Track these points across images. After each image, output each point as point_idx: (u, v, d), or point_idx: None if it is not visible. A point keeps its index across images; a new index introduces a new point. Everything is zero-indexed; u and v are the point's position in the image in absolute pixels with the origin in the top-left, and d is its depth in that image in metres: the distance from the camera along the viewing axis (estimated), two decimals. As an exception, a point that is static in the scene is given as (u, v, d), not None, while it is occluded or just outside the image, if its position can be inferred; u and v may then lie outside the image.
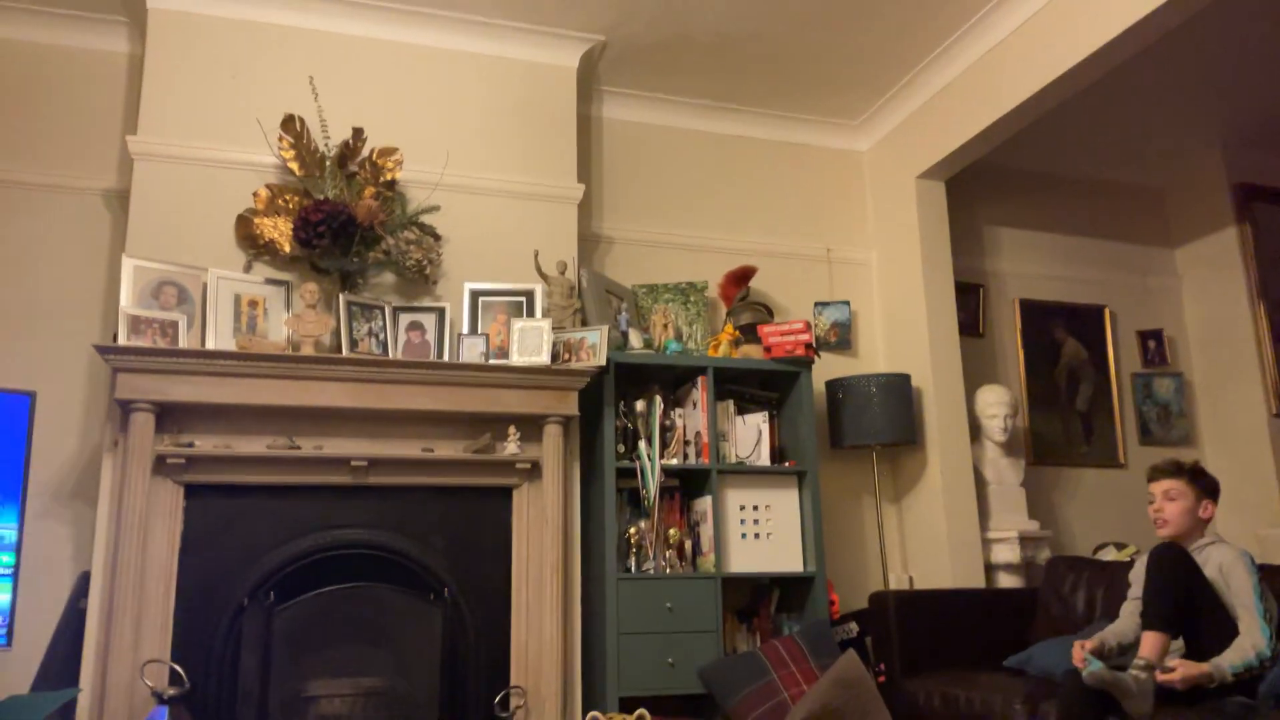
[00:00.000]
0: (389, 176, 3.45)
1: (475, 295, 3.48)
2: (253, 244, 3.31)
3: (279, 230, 3.30)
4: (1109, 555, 4.02)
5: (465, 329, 3.43)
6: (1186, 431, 4.91)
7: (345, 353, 3.18)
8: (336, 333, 3.26)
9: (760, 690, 3.18)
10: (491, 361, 3.32)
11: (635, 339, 3.75)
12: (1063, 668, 2.74)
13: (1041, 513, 4.35)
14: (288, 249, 3.29)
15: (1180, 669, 2.46)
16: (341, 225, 3.20)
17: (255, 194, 3.33)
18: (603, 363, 3.42)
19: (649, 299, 4.02)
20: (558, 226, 3.72)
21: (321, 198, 3.28)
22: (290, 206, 3.33)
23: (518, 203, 3.68)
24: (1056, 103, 3.67)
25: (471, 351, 3.35)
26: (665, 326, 3.91)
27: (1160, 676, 2.46)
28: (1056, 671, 2.87)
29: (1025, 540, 4.03)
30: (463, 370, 3.26)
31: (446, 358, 3.35)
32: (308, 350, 3.14)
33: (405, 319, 3.38)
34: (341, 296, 3.26)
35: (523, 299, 3.50)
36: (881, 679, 3.38)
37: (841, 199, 4.59)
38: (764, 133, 4.51)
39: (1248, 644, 2.51)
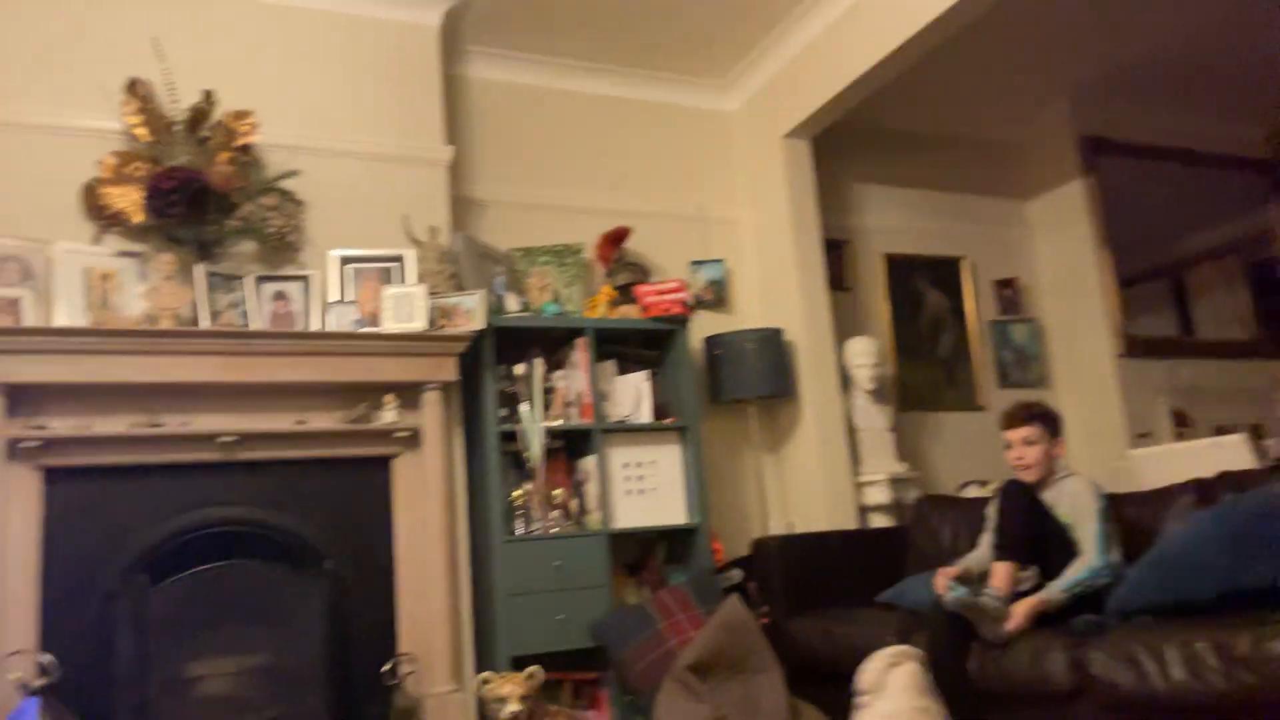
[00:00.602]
0: (244, 141, 3.30)
1: (343, 262, 3.40)
2: (101, 215, 3.13)
3: (129, 200, 3.13)
4: (972, 492, 4.25)
5: (334, 297, 3.35)
6: (1041, 374, 5.21)
7: (206, 325, 3.06)
8: (196, 305, 3.13)
9: (649, 640, 3.26)
10: (364, 329, 3.25)
11: (513, 303, 3.74)
12: (929, 598, 2.90)
13: (910, 455, 4.55)
14: (140, 219, 3.12)
15: (1014, 619, 2.67)
16: (196, 193, 3.07)
17: (101, 162, 3.15)
18: (481, 327, 3.39)
19: (525, 262, 4.00)
20: (428, 190, 3.66)
21: (173, 165, 3.13)
22: (140, 175, 3.16)
23: (384, 166, 3.60)
24: (914, 59, 3.80)
25: (342, 320, 3.27)
26: (543, 289, 3.90)
27: (1008, 627, 2.67)
28: (924, 603, 3.04)
29: (895, 482, 4.22)
30: (333, 339, 3.19)
31: (316, 327, 3.27)
32: (167, 324, 3.01)
33: (269, 289, 3.27)
34: (199, 267, 3.13)
35: (394, 265, 3.44)
36: (765, 621, 3.50)
37: (713, 159, 4.66)
38: (635, 93, 4.52)
39: (1080, 563, 2.74)
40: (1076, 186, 5.17)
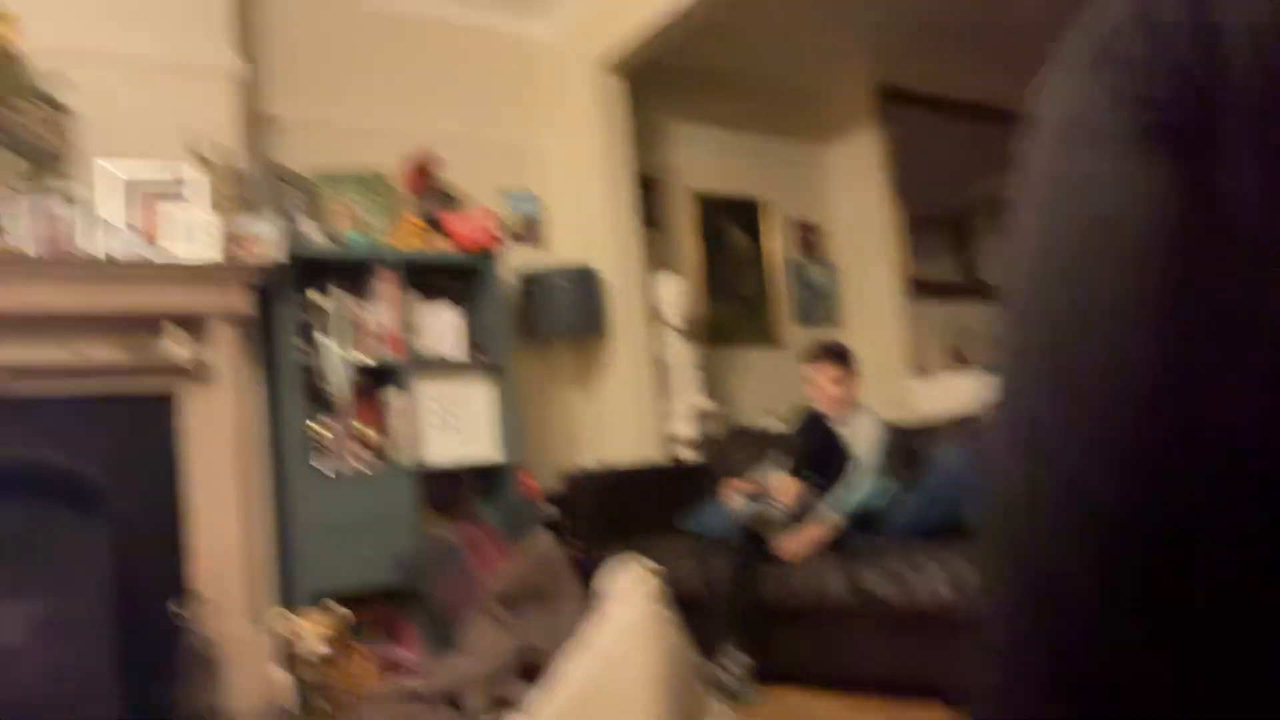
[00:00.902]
0: (5, 43, 2.95)
1: (122, 181, 3.12)
2: None
3: None
4: (772, 424, 4.47)
5: (111, 218, 3.07)
6: (835, 313, 5.51)
7: (-40, 246, 2.76)
8: (-53, 223, 2.80)
9: (457, 573, 3.26)
10: (144, 255, 3.01)
11: (313, 230, 3.57)
12: (725, 525, 3.10)
13: (715, 390, 4.72)
14: None
15: (800, 544, 2.93)
16: (-57, 96, 2.72)
17: None
18: (277, 255, 3.22)
19: (327, 187, 3.81)
20: (217, 105, 3.40)
21: (-87, 61, 2.76)
22: None
23: (167, 77, 3.31)
24: None
25: (119, 243, 3.02)
26: (346, 217, 3.74)
27: (786, 552, 2.92)
28: (722, 529, 3.21)
29: (701, 416, 4.38)
30: (109, 265, 2.94)
31: (88, 251, 3.00)
32: (-91, 243, 2.68)
33: (36, 205, 2.96)
34: (-50, 180, 2.79)
35: (177, 184, 3.19)
36: (575, 553, 3.58)
37: (527, 89, 4.57)
38: (449, 14, 4.36)
39: (857, 489, 3.05)
40: (870, 133, 5.43)
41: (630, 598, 1.30)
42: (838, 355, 3.33)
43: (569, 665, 1.25)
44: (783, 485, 3.09)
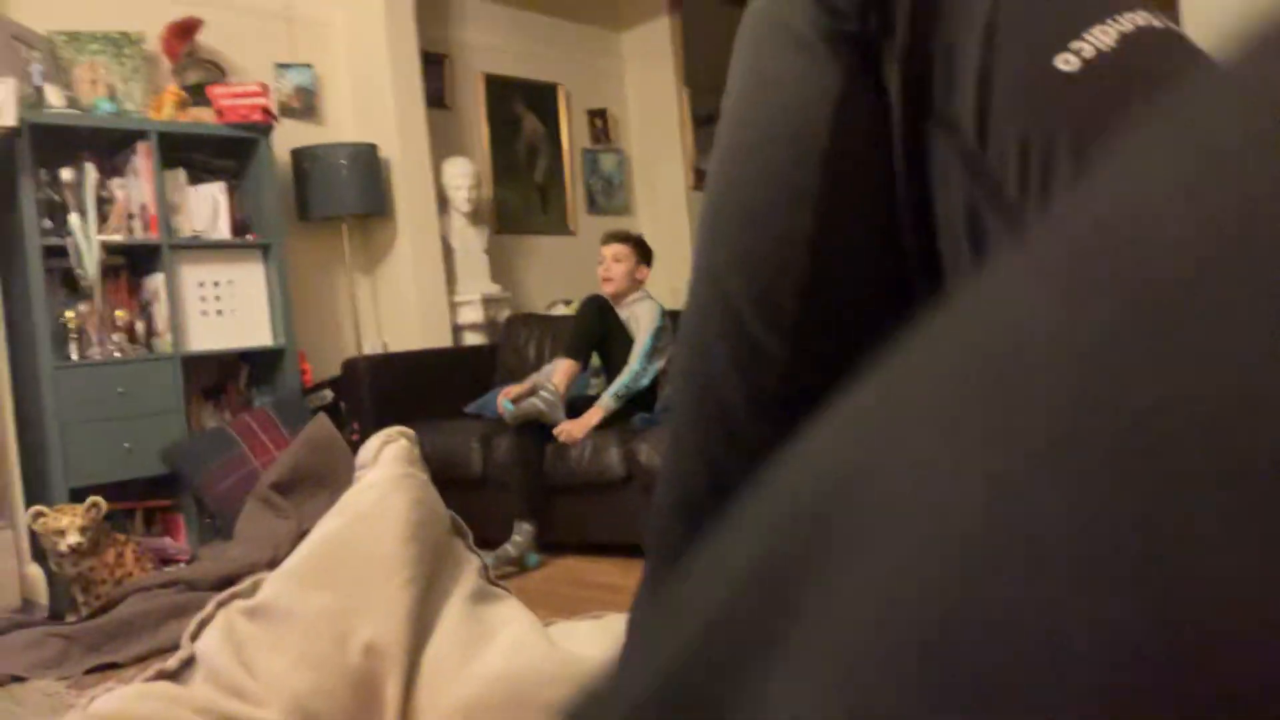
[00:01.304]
0: None
1: None
2: None
3: None
4: (559, 311, 4.55)
5: None
6: (625, 202, 5.59)
7: None
8: None
9: (229, 462, 3.19)
10: None
11: (55, 96, 3.24)
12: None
13: (503, 277, 4.73)
14: None
15: (579, 428, 3.07)
16: None
17: None
18: (12, 123, 2.92)
19: (71, 49, 3.44)
20: (-72, -53, 2.99)
21: None
22: None
23: None
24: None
25: None
26: (95, 83, 3.41)
27: (565, 436, 3.06)
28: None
29: (489, 302, 4.40)
30: None
31: None
32: None
33: None
34: None
35: (-116, 38, 2.81)
36: (356, 438, 3.56)
37: (301, -49, 4.26)
38: None
39: (626, 370, 3.17)
40: (664, 23, 5.45)
41: (381, 460, 1.34)
42: (632, 240, 3.44)
43: (317, 528, 1.29)
44: (558, 368, 3.20)
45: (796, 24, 0.57)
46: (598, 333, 3.28)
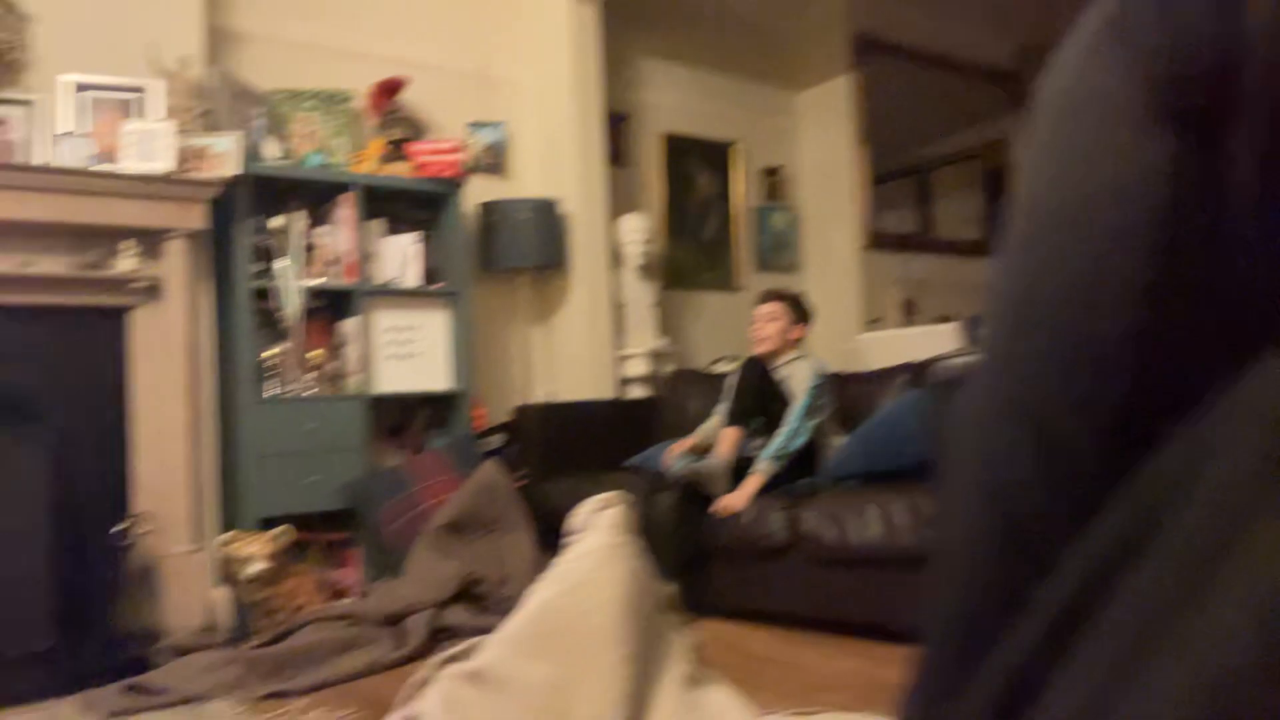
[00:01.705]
0: (-49, -66, 2.85)
1: (77, 89, 3.05)
2: None
3: None
4: (723, 367, 4.53)
5: (65, 128, 3.01)
6: (795, 260, 5.55)
7: (-96, 148, 2.69)
8: (-110, 123, 2.73)
9: (404, 501, 3.31)
10: (100, 167, 2.96)
11: (273, 149, 3.52)
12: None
13: (670, 331, 4.77)
14: None
15: (729, 502, 3.00)
16: (-114, -10, 2.63)
17: None
18: (235, 173, 3.18)
19: (289, 106, 3.74)
20: (179, 15, 3.31)
21: None
22: None
23: (125, -16, 3.22)
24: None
25: (74, 154, 2.97)
26: (307, 137, 3.69)
27: (725, 509, 2.99)
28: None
29: (655, 356, 4.43)
30: (64, 175, 2.89)
31: (43, 160, 2.94)
32: None
33: (-15, 112, 2.90)
34: (-107, 79, 2.72)
35: (136, 97, 3.13)
36: (522, 484, 3.64)
37: (498, 15, 4.49)
38: (417, -66, 4.25)
39: (782, 431, 3.08)
40: (842, 82, 5.42)
41: (595, 526, 1.35)
42: (786, 298, 3.37)
43: (533, 592, 1.30)
44: (723, 437, 3.14)
45: (1122, 95, 0.50)
46: (760, 397, 3.21)
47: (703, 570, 3.05)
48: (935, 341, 3.72)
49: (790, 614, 2.93)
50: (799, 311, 3.37)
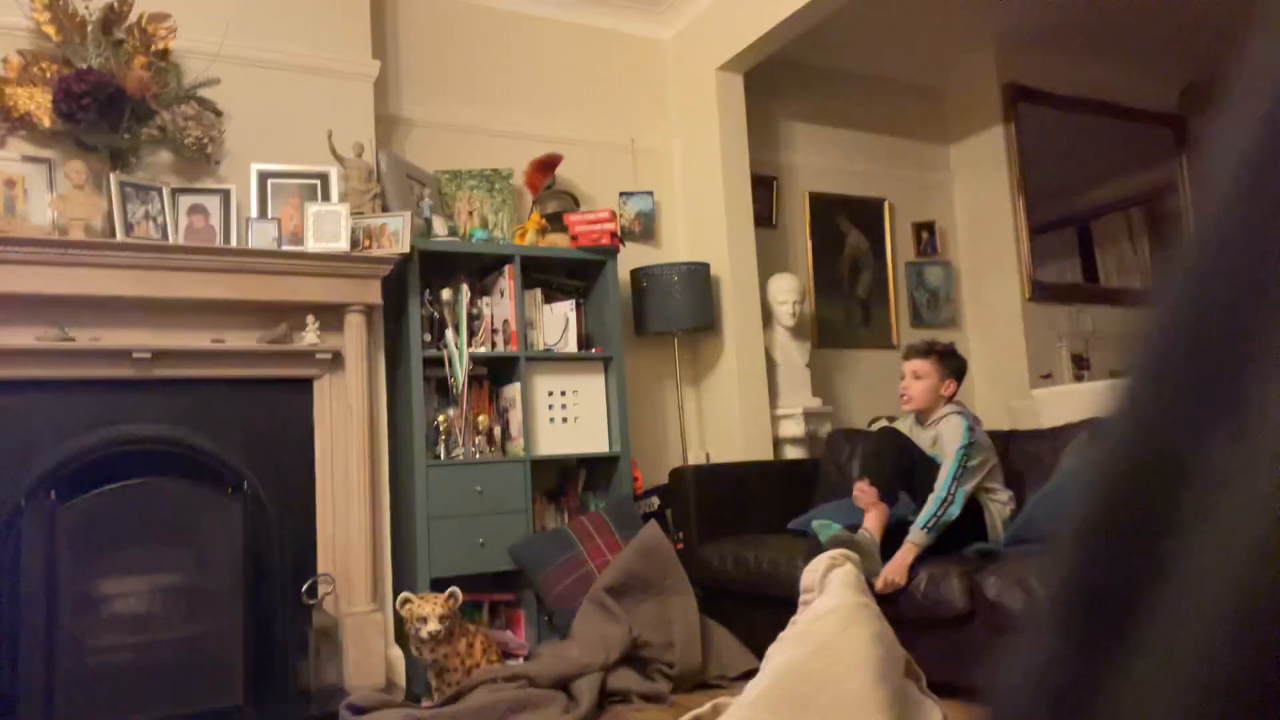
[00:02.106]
0: (161, 45, 3.17)
1: (264, 177, 3.31)
2: (6, 117, 2.98)
3: (36, 102, 2.98)
4: (881, 425, 4.41)
5: (254, 213, 3.26)
6: (952, 315, 5.39)
7: (120, 237, 2.96)
8: (109, 216, 3.02)
9: (568, 563, 3.34)
10: (284, 248, 3.18)
11: (439, 226, 3.69)
12: (835, 527, 3.05)
13: (824, 391, 4.69)
14: (48, 123, 2.98)
15: (894, 575, 2.78)
16: (109, 97, 2.94)
17: (5, 60, 2.98)
18: (406, 250, 3.35)
19: (453, 185, 3.94)
20: (352, 105, 3.56)
21: (85, 66, 2.98)
22: (48, 76, 3.00)
23: (308, 79, 3.48)
24: (847, -1, 3.82)
25: (262, 237, 3.20)
26: (470, 214, 3.86)
27: (884, 586, 2.76)
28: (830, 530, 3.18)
29: (809, 416, 4.36)
30: (254, 257, 3.12)
31: (235, 243, 3.19)
32: (77, 234, 2.90)
33: (186, 201, 3.17)
34: (113, 176, 3.01)
35: (316, 182, 3.36)
36: (680, 546, 3.61)
37: (645, 88, 4.63)
38: (569, 16, 4.44)
39: (932, 499, 2.87)
40: (996, 133, 5.29)
41: (831, 585, 1.31)
42: (935, 353, 3.14)
43: (775, 656, 1.26)
44: (869, 515, 2.94)
45: None
46: (898, 470, 2.99)
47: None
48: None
49: (971, 688, 2.76)
50: (949, 366, 3.15)
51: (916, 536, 2.84)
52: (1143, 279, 5.84)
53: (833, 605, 1.22)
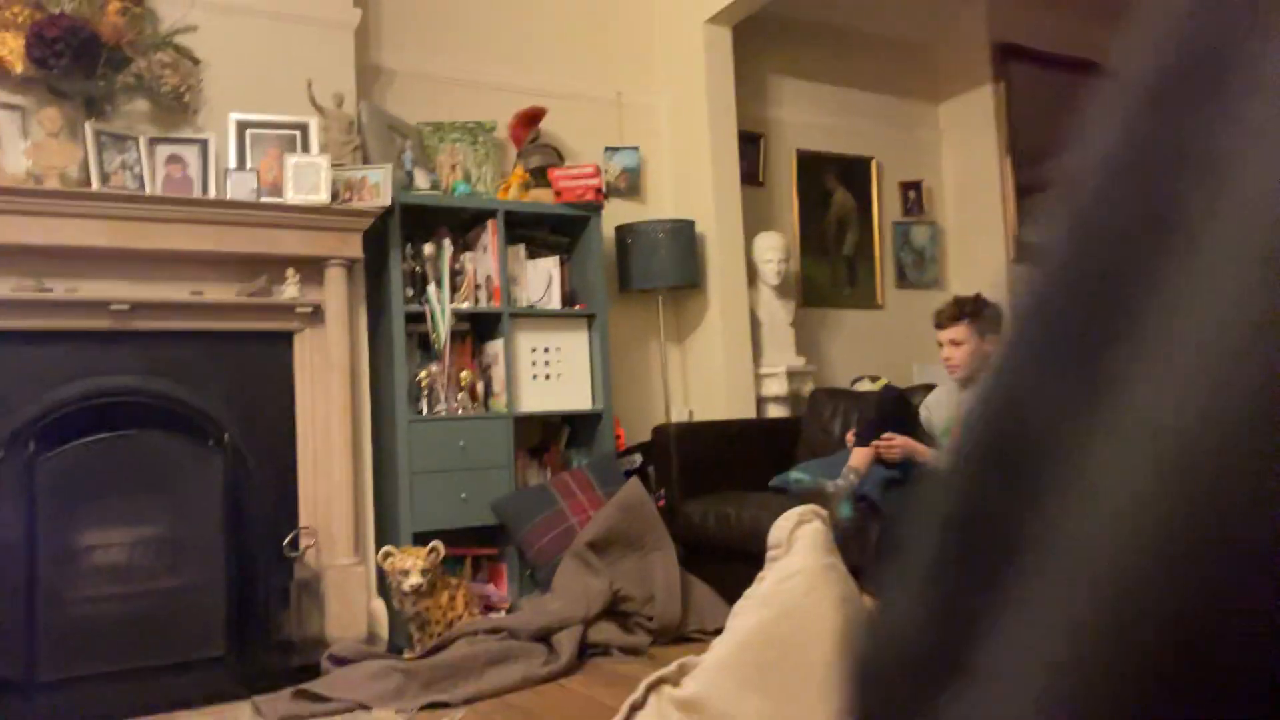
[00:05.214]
0: (137, -9, 3.09)
1: (242, 127, 3.25)
2: (-25, 61, 2.91)
3: (9, 47, 2.91)
4: (864, 386, 4.43)
5: (232, 164, 3.21)
6: (937, 276, 5.39)
7: (96, 187, 2.92)
8: (85, 165, 2.97)
9: (549, 518, 3.36)
10: (264, 199, 3.14)
11: (421, 179, 3.65)
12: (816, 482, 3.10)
13: (808, 350, 4.69)
14: (20, 69, 2.92)
15: (901, 441, 2.89)
16: (83, 43, 2.87)
17: (-27, 2, 2.91)
18: (387, 203, 3.31)
19: (435, 138, 3.89)
20: (333, 55, 3.50)
21: (58, 11, 2.92)
22: (20, 21, 2.93)
23: (287, 26, 3.41)
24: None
25: (240, 188, 3.16)
26: (453, 167, 3.82)
27: (881, 448, 2.92)
28: (811, 487, 3.21)
29: (793, 375, 4.37)
30: (231, 208, 3.08)
31: (213, 194, 3.14)
32: (52, 183, 2.85)
33: (163, 151, 3.12)
34: (88, 125, 2.95)
35: (296, 133, 3.31)
36: (662, 503, 3.64)
37: (632, 41, 4.56)
38: (554, -34, 4.37)
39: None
40: (986, 92, 5.25)
41: (798, 546, 1.31)
42: (966, 315, 3.00)
43: (741, 616, 1.27)
44: (855, 456, 3.01)
45: None
46: (891, 425, 3.01)
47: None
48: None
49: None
50: (986, 323, 2.99)
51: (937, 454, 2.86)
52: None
53: (798, 567, 1.22)
